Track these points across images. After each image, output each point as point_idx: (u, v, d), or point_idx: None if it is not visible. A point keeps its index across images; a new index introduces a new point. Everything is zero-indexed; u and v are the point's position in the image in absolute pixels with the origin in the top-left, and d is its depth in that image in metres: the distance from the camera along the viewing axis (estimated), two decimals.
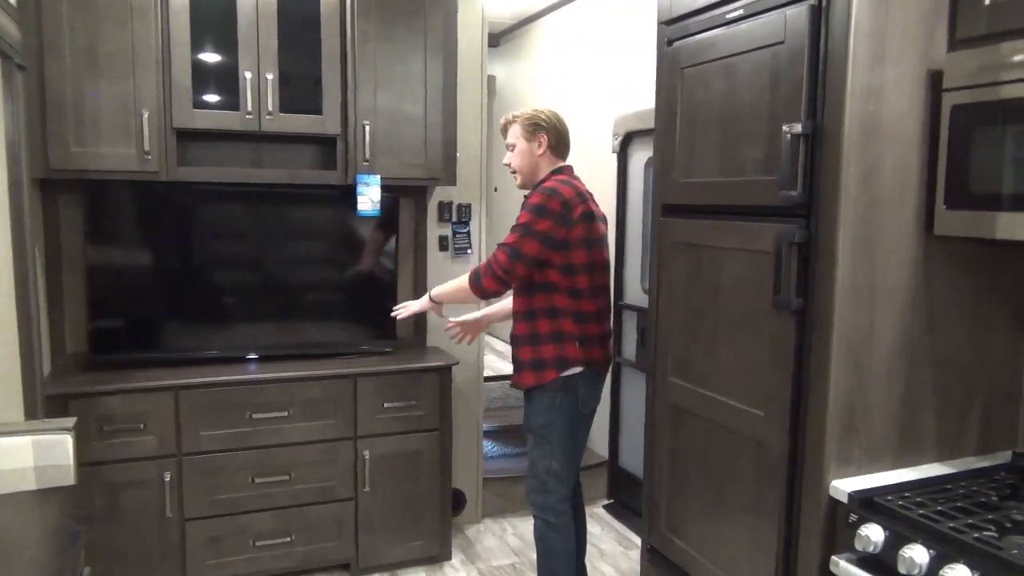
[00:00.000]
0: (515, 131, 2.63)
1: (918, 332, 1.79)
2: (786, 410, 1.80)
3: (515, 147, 2.62)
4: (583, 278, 2.51)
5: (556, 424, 2.51)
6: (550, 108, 2.69)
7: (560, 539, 2.54)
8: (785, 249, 1.75)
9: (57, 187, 2.90)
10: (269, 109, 2.90)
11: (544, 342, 2.50)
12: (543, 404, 2.51)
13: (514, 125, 2.63)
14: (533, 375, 2.51)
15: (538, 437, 2.54)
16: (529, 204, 2.48)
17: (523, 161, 2.62)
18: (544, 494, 2.53)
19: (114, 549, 2.70)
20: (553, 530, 2.54)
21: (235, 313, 3.12)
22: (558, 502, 2.53)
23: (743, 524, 1.96)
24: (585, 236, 2.50)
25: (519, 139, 2.61)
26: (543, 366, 2.50)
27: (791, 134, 1.71)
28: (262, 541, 2.90)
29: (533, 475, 2.57)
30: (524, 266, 2.45)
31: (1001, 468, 1.83)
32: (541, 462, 2.53)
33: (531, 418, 2.56)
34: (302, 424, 2.90)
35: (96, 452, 2.64)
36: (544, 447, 2.52)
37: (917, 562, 1.47)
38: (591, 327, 2.54)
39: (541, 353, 2.50)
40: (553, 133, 2.61)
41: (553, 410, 2.50)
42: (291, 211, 3.18)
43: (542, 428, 2.52)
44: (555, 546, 2.54)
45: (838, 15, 1.65)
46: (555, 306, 2.50)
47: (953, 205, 1.67)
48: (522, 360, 2.55)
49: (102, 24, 2.66)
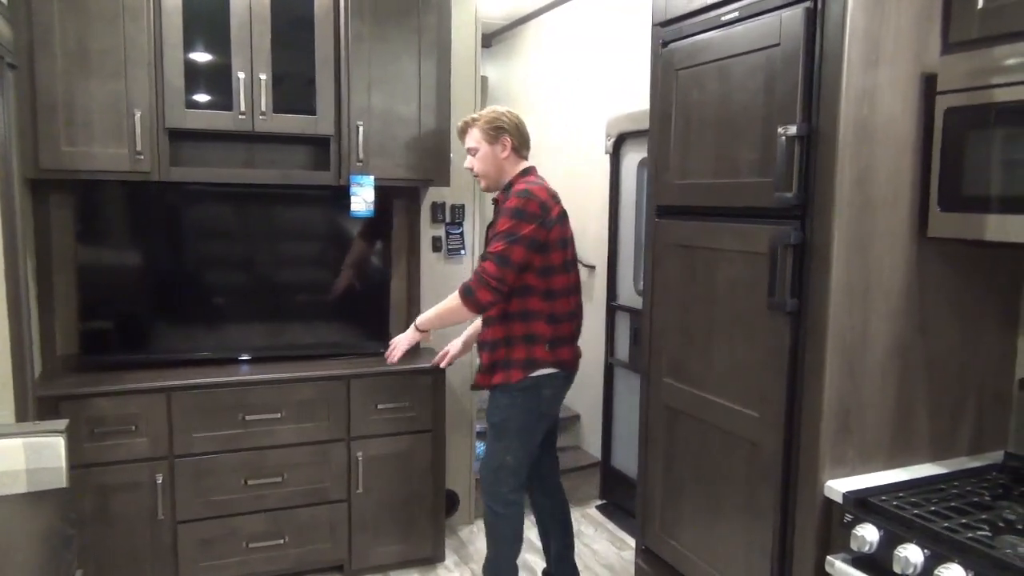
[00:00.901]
0: (476, 135, 2.60)
1: (911, 333, 1.80)
2: (781, 411, 1.81)
3: (477, 151, 2.61)
4: (559, 279, 2.55)
5: (514, 421, 2.57)
6: (507, 108, 2.68)
7: (507, 527, 2.66)
8: (780, 251, 1.76)
9: (48, 187, 2.88)
10: (262, 109, 2.89)
11: (516, 344, 2.55)
12: (504, 401, 2.57)
13: (474, 129, 2.61)
14: (502, 374, 2.56)
15: (496, 432, 2.61)
16: (508, 209, 2.48)
17: (487, 165, 2.61)
18: (496, 484, 2.62)
19: (106, 552, 2.68)
20: (500, 520, 2.65)
21: (227, 314, 3.11)
22: (508, 493, 2.62)
23: (738, 524, 1.96)
24: (561, 236, 2.55)
25: (481, 143, 2.60)
26: (510, 366, 2.54)
27: (786, 136, 1.72)
28: (255, 543, 2.89)
29: (487, 466, 2.65)
30: (514, 273, 2.46)
31: (993, 468, 1.84)
32: (496, 456, 2.61)
33: (491, 413, 2.62)
34: (295, 425, 2.89)
35: (88, 454, 2.62)
36: (502, 441, 2.59)
37: (912, 562, 1.48)
38: (563, 327, 2.58)
39: (512, 354, 2.55)
40: (515, 134, 2.61)
41: (513, 407, 2.56)
42: (284, 212, 3.17)
43: (501, 424, 2.59)
44: (502, 533, 2.66)
45: (833, 18, 1.66)
46: (529, 309, 2.53)
47: (947, 207, 1.68)
48: (495, 361, 2.57)
49: (94, 23, 2.64)
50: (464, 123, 2.64)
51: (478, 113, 2.65)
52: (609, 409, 3.97)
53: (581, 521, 3.74)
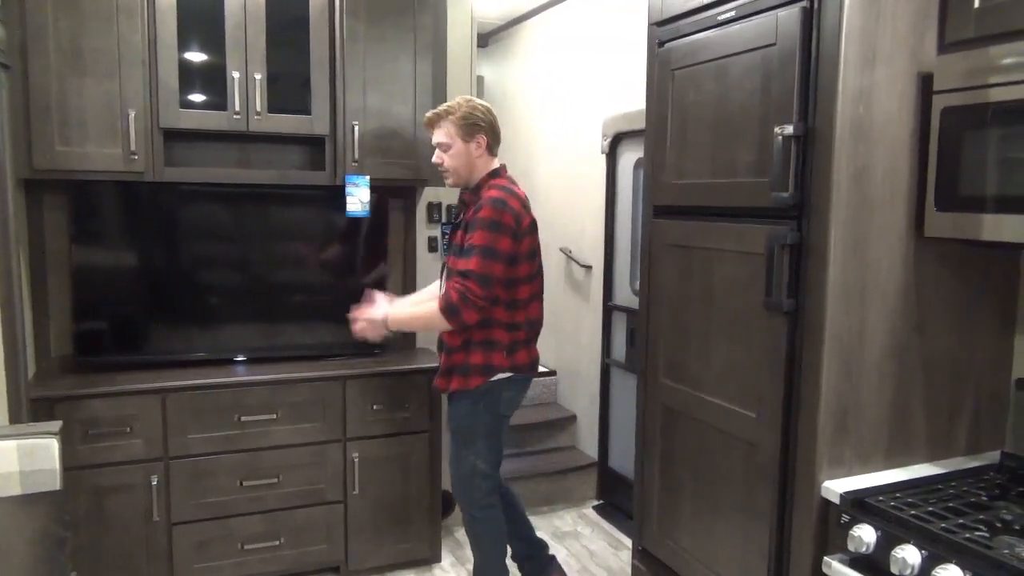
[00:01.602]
0: (449, 129, 2.48)
1: (908, 333, 1.80)
2: (778, 411, 1.81)
3: (449, 147, 2.49)
4: (524, 288, 2.52)
5: (479, 426, 2.55)
6: (480, 100, 2.56)
7: (486, 527, 2.65)
8: (777, 250, 1.76)
9: (42, 188, 2.87)
10: (257, 109, 2.88)
11: (474, 349, 2.50)
12: (465, 408, 2.55)
13: (446, 122, 2.48)
14: (459, 380, 2.53)
15: (461, 438, 2.59)
16: (482, 220, 2.38)
17: (459, 162, 2.51)
18: (470, 491, 2.60)
19: (100, 554, 2.67)
20: (479, 524, 2.64)
21: (222, 315, 3.10)
22: (483, 496, 2.61)
23: (735, 525, 1.96)
24: (530, 248, 2.51)
25: (455, 139, 2.48)
26: (469, 372, 2.51)
27: (783, 136, 1.72)
28: (250, 545, 2.87)
29: (459, 474, 2.62)
30: (497, 289, 2.42)
31: (990, 468, 1.85)
32: (466, 463, 2.58)
33: (454, 420, 2.60)
34: (290, 427, 2.88)
35: (82, 456, 2.60)
36: (469, 447, 2.57)
37: (909, 562, 1.48)
38: (519, 333, 2.56)
39: (469, 359, 2.51)
40: (490, 132, 2.52)
41: (476, 414, 2.54)
42: (279, 212, 3.16)
43: (466, 431, 2.57)
44: (483, 533, 2.66)
45: (829, 17, 1.66)
46: (491, 318, 2.48)
47: (943, 207, 1.68)
48: (452, 365, 2.55)
49: (87, 23, 2.63)
50: (435, 115, 2.50)
51: (450, 105, 2.50)
52: (606, 410, 3.97)
53: (578, 522, 3.73)
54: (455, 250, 2.51)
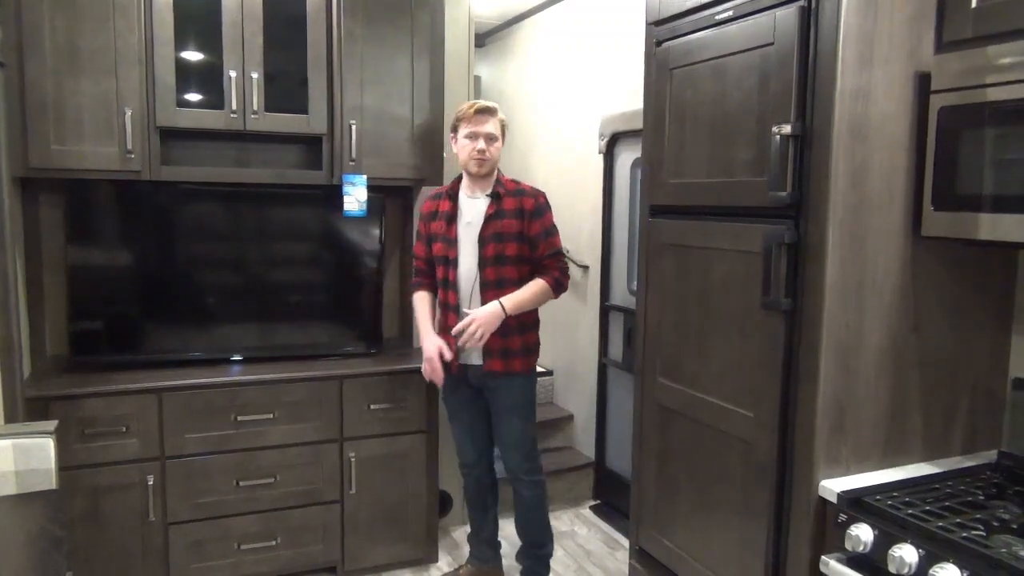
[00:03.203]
0: (497, 124, 2.74)
1: (905, 332, 1.80)
2: (775, 410, 1.81)
3: (496, 140, 2.73)
4: None
5: (533, 399, 2.85)
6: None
7: (543, 490, 2.92)
8: (774, 249, 1.76)
9: (38, 186, 2.86)
10: (254, 108, 2.87)
11: (530, 330, 2.79)
12: (523, 384, 2.79)
13: (495, 118, 2.73)
14: (523, 361, 2.76)
15: (520, 413, 2.80)
16: (543, 205, 2.76)
17: (497, 156, 2.75)
18: (533, 458, 2.87)
19: (96, 554, 2.66)
20: (539, 486, 2.89)
21: (219, 314, 3.09)
22: (539, 460, 2.91)
23: (732, 524, 1.96)
24: None
25: (499, 134, 2.75)
26: (530, 351, 2.79)
27: (780, 135, 1.72)
28: (247, 545, 2.87)
29: (521, 447, 2.82)
30: None
31: (987, 467, 1.85)
32: (527, 434, 2.83)
33: (511, 398, 2.77)
34: (287, 426, 2.88)
35: (78, 456, 2.59)
36: (528, 420, 2.83)
37: (907, 561, 1.48)
38: None
39: (528, 340, 2.78)
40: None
41: (531, 388, 2.83)
42: (276, 211, 3.16)
43: (527, 405, 2.82)
44: (543, 495, 2.91)
45: (827, 17, 1.66)
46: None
47: (940, 206, 1.68)
48: (508, 348, 2.72)
49: (83, 21, 2.62)
50: (492, 108, 2.73)
51: (492, 104, 2.74)
52: (603, 409, 3.96)
53: (575, 522, 3.73)
54: (497, 237, 2.69)
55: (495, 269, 2.69)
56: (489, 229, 2.69)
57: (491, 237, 2.69)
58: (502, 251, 2.68)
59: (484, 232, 2.70)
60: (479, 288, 2.71)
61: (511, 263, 2.69)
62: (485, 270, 2.69)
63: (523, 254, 2.71)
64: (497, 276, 2.69)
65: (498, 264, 2.68)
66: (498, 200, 2.71)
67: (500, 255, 2.68)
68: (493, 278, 2.69)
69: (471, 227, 2.73)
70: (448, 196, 2.80)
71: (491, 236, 2.69)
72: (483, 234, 2.70)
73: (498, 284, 2.69)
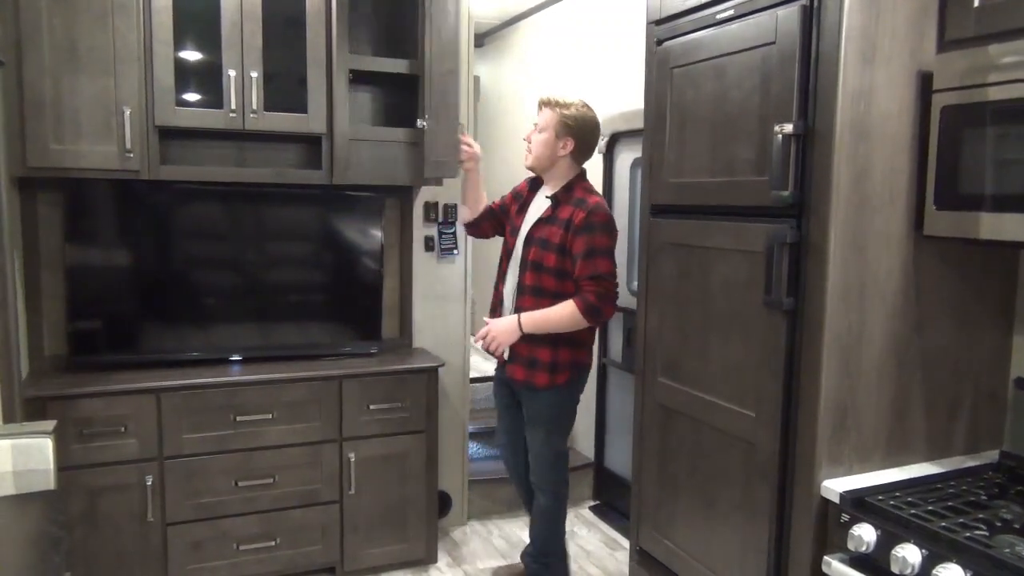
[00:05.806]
0: (551, 118, 2.62)
1: (907, 332, 1.80)
2: (777, 410, 1.80)
3: (543, 131, 2.63)
4: None
5: (564, 415, 2.75)
6: (590, 110, 2.68)
7: (564, 505, 2.86)
8: (776, 249, 1.75)
9: (36, 186, 2.84)
10: (253, 107, 2.86)
11: (562, 346, 2.63)
12: (551, 399, 2.68)
13: (552, 111, 2.62)
14: (545, 376, 2.64)
15: (546, 427, 2.72)
16: (599, 224, 2.53)
17: (543, 151, 2.64)
18: (556, 471, 2.78)
19: (95, 554, 2.65)
20: (560, 500, 2.82)
21: (218, 314, 3.08)
22: (566, 474, 2.84)
23: (734, 525, 1.96)
24: None
25: (550, 129, 2.62)
26: (557, 369, 2.64)
27: (782, 134, 1.71)
28: (246, 545, 2.86)
29: (543, 459, 2.75)
30: None
31: (989, 467, 1.85)
32: (550, 447, 2.74)
33: (535, 410, 2.71)
34: (286, 426, 2.87)
35: (76, 456, 2.58)
36: (554, 433, 2.74)
37: (910, 561, 1.48)
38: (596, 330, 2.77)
39: (559, 356, 2.63)
40: (580, 140, 2.65)
41: (562, 404, 2.72)
42: (275, 211, 3.15)
43: (554, 419, 2.72)
44: (561, 509, 2.85)
45: (829, 16, 1.65)
46: None
47: (942, 206, 1.68)
48: (535, 359, 2.64)
49: (82, 20, 2.61)
50: (551, 100, 2.64)
51: (567, 101, 2.64)
52: (602, 409, 3.96)
53: (574, 522, 3.72)
54: (541, 243, 2.60)
55: (533, 275, 2.60)
56: (537, 232, 2.63)
57: (536, 241, 2.62)
58: (541, 259, 2.59)
59: (532, 234, 2.64)
60: (516, 291, 2.67)
61: (549, 274, 2.58)
62: (525, 273, 2.63)
63: (564, 267, 2.57)
64: (534, 283, 2.60)
65: (536, 271, 2.60)
66: (556, 205, 2.62)
67: (538, 263, 2.59)
68: (530, 283, 2.61)
69: (527, 224, 2.69)
70: (530, 184, 2.76)
71: (536, 240, 2.62)
72: (530, 235, 2.65)
73: (535, 292, 2.60)
